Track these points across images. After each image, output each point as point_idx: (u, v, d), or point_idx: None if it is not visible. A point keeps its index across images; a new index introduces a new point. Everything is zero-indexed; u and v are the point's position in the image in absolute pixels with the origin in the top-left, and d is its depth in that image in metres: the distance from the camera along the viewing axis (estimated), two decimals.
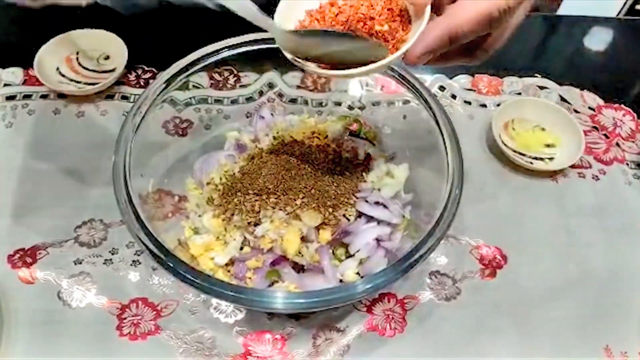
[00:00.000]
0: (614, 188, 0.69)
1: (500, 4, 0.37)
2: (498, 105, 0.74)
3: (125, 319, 0.55)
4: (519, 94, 0.77)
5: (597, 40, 0.87)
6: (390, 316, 0.57)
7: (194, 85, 0.62)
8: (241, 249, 0.55)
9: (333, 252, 0.55)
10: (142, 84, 0.73)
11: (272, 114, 0.66)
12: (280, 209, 0.53)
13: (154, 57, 0.74)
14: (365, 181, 0.58)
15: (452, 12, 0.37)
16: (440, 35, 0.37)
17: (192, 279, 0.45)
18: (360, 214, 0.56)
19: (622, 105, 0.77)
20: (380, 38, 0.41)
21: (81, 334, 0.54)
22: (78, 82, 0.71)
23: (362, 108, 0.66)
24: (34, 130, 0.67)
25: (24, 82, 0.72)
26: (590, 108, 0.77)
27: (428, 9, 0.39)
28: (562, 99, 0.77)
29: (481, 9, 0.37)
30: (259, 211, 0.53)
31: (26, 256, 0.58)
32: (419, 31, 0.38)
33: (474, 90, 0.77)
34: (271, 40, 0.59)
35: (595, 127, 0.75)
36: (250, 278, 0.54)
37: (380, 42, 0.41)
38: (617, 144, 0.73)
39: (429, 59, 0.39)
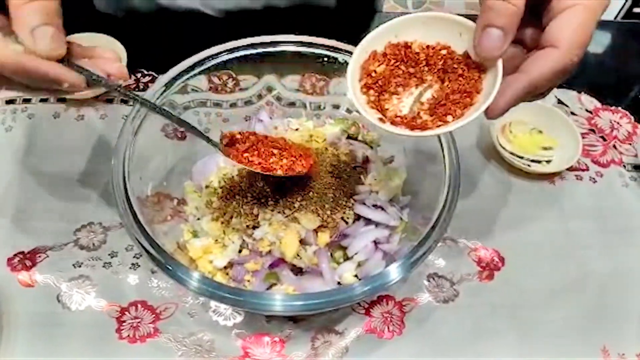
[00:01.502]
0: (611, 190, 0.69)
1: (572, 57, 0.39)
2: None
3: (124, 321, 0.55)
4: None
5: (595, 43, 0.87)
6: (389, 318, 0.57)
7: (192, 89, 0.62)
8: (240, 251, 0.55)
9: (331, 255, 0.56)
10: (141, 87, 0.73)
11: (270, 117, 0.67)
12: (279, 212, 0.53)
13: (153, 60, 0.74)
14: (363, 184, 0.59)
15: (528, 68, 0.40)
16: (520, 91, 0.40)
17: (191, 281, 0.45)
18: (358, 217, 0.57)
19: (619, 108, 0.77)
20: (460, 89, 0.43)
21: (81, 337, 0.54)
22: None
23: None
24: (34, 134, 0.68)
25: None
26: (587, 110, 0.77)
27: (500, 62, 0.40)
28: (560, 102, 0.77)
29: (556, 64, 0.39)
30: (258, 214, 0.54)
31: (26, 259, 0.58)
32: (496, 86, 0.40)
33: None
34: (270, 44, 0.60)
35: (592, 130, 0.75)
36: (248, 281, 0.54)
37: None
38: (614, 147, 0.73)
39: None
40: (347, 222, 0.56)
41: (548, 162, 0.70)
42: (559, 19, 0.40)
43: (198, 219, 0.58)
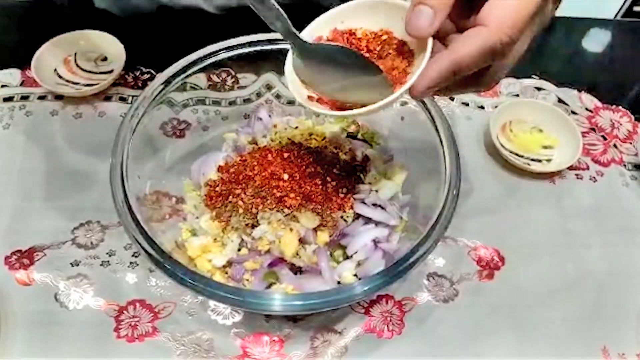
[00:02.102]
0: (612, 189, 0.69)
1: (502, 37, 0.38)
2: (496, 106, 0.74)
3: (122, 320, 0.55)
4: (517, 95, 0.77)
5: (595, 42, 0.87)
6: (388, 318, 0.57)
7: (191, 87, 0.61)
8: (239, 250, 0.55)
9: (331, 254, 0.55)
10: (139, 85, 0.73)
11: (269, 116, 0.66)
12: (278, 211, 0.53)
13: (151, 58, 0.74)
14: (363, 183, 0.58)
15: (454, 46, 0.38)
16: (444, 69, 0.38)
17: (190, 281, 0.45)
18: (358, 216, 0.56)
19: (620, 107, 0.77)
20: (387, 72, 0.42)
21: (78, 336, 0.54)
22: (76, 83, 0.71)
23: None
24: (32, 132, 0.67)
25: (22, 84, 0.72)
26: (587, 109, 0.77)
27: (430, 42, 0.40)
28: (560, 101, 0.77)
29: (483, 42, 0.38)
30: (257, 213, 0.53)
31: (23, 258, 0.58)
32: (422, 66, 0.39)
33: None
34: (269, 42, 0.60)
35: (592, 129, 0.75)
36: (247, 280, 0.54)
37: (387, 77, 0.42)
38: (615, 146, 0.73)
39: (433, 92, 0.40)
40: (346, 221, 0.55)
41: (548, 161, 0.69)
42: None
43: (197, 217, 0.57)
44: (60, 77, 0.71)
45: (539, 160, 0.69)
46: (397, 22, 0.43)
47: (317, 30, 0.45)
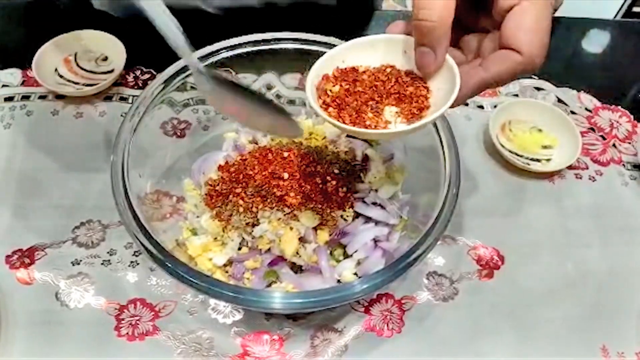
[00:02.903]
0: (611, 189, 0.69)
1: (534, 59, 0.40)
2: (495, 106, 0.74)
3: (123, 319, 0.55)
4: (516, 95, 0.77)
5: (595, 42, 0.87)
6: (388, 317, 0.57)
7: (191, 86, 0.62)
8: (239, 249, 0.55)
9: (331, 253, 0.56)
10: (140, 85, 0.73)
11: None
12: (278, 210, 0.53)
13: (152, 58, 0.74)
14: (363, 182, 0.58)
15: (488, 65, 0.41)
16: (477, 87, 0.41)
17: (190, 279, 0.45)
18: (357, 215, 0.57)
19: (619, 107, 0.77)
20: (407, 100, 0.44)
21: (79, 335, 0.54)
22: (76, 83, 0.71)
23: None
24: (32, 131, 0.68)
25: (23, 83, 0.72)
26: (587, 109, 0.77)
27: (454, 65, 0.41)
28: (559, 101, 0.77)
29: (517, 66, 0.40)
30: (257, 212, 0.53)
31: (24, 257, 0.58)
32: (456, 85, 0.40)
33: None
34: (270, 41, 0.60)
35: (592, 129, 0.75)
36: (248, 278, 0.54)
37: (294, 120, 0.44)
38: (614, 145, 0.73)
39: None
40: (346, 220, 0.56)
41: (548, 160, 0.70)
42: (513, 19, 0.40)
43: (197, 216, 0.57)
44: (61, 76, 0.72)
45: (539, 160, 0.69)
46: (397, 56, 0.45)
47: (323, 69, 0.45)
